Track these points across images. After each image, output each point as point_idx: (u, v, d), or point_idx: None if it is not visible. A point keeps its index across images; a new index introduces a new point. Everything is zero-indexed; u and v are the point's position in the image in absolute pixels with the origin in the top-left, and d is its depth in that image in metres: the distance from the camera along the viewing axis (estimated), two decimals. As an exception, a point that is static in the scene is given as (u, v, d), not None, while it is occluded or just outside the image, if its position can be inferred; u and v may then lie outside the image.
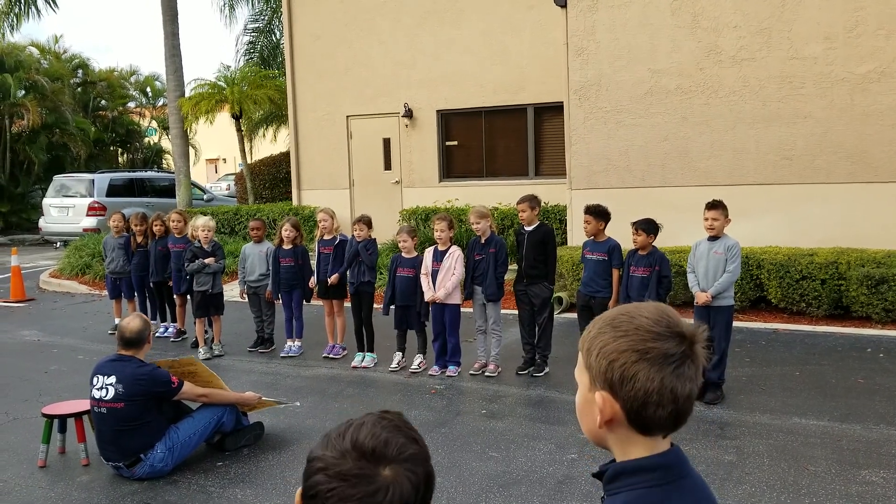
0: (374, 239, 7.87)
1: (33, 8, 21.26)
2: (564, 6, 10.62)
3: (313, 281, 8.15)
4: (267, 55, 22.00)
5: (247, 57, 22.17)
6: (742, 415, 5.83)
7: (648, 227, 6.47)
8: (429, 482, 1.21)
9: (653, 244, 6.52)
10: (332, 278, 7.84)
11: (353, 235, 7.77)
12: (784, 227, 9.53)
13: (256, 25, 22.46)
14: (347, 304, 8.04)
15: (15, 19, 21.28)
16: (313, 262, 8.32)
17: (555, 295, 9.44)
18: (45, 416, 5.42)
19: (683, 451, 1.37)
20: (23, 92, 23.75)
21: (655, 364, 1.29)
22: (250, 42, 22.42)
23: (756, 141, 9.73)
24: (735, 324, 6.68)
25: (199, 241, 8.30)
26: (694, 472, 1.38)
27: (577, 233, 10.16)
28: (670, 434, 1.35)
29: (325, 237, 8.04)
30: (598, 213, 6.90)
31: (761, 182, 9.73)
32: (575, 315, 7.73)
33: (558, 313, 9.24)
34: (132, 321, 5.25)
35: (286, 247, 8.19)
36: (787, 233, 9.45)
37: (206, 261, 8.18)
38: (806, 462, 4.91)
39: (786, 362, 7.23)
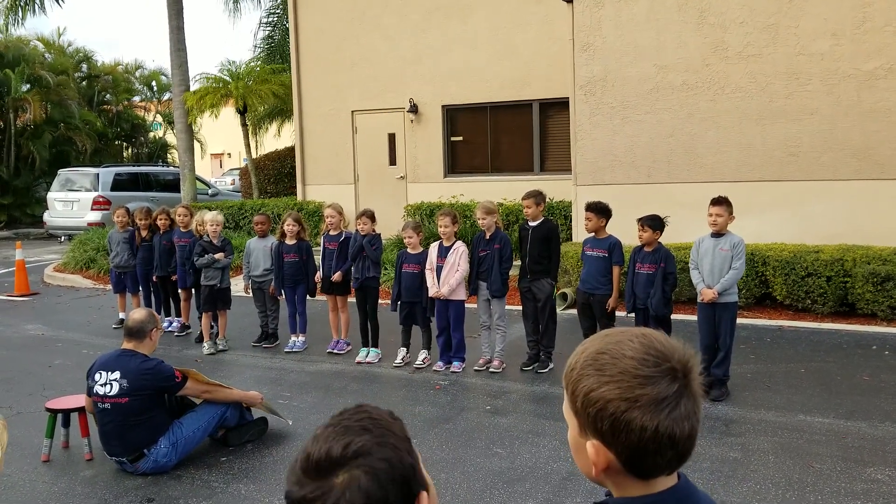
0: (379, 234, 7.84)
1: (38, 3, 21.25)
2: (571, 1, 10.58)
3: (318, 276, 8.14)
4: (283, 49, 21.99)
5: (264, 52, 22.18)
6: (747, 412, 5.82)
7: (654, 223, 6.43)
8: (395, 462, 1.14)
9: (658, 241, 6.49)
10: (336, 276, 7.84)
11: (356, 230, 7.76)
12: (790, 223, 9.49)
13: (271, 19, 22.49)
14: (352, 299, 8.03)
15: (20, 13, 21.27)
16: (318, 257, 8.31)
17: (560, 291, 9.44)
18: (48, 410, 5.42)
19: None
20: (27, 86, 23.75)
21: (648, 411, 1.19)
22: (266, 37, 22.44)
23: (762, 137, 9.70)
24: (740, 320, 6.65)
25: (208, 235, 8.30)
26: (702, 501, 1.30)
27: (581, 229, 10.11)
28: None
29: (331, 233, 8.03)
30: (599, 210, 6.86)
31: (767, 178, 9.69)
32: (579, 311, 7.71)
33: (563, 309, 9.22)
34: (137, 312, 5.28)
35: (289, 242, 8.17)
36: (793, 229, 9.42)
37: (216, 256, 8.18)
38: (811, 459, 4.89)
39: (791, 359, 7.20)
